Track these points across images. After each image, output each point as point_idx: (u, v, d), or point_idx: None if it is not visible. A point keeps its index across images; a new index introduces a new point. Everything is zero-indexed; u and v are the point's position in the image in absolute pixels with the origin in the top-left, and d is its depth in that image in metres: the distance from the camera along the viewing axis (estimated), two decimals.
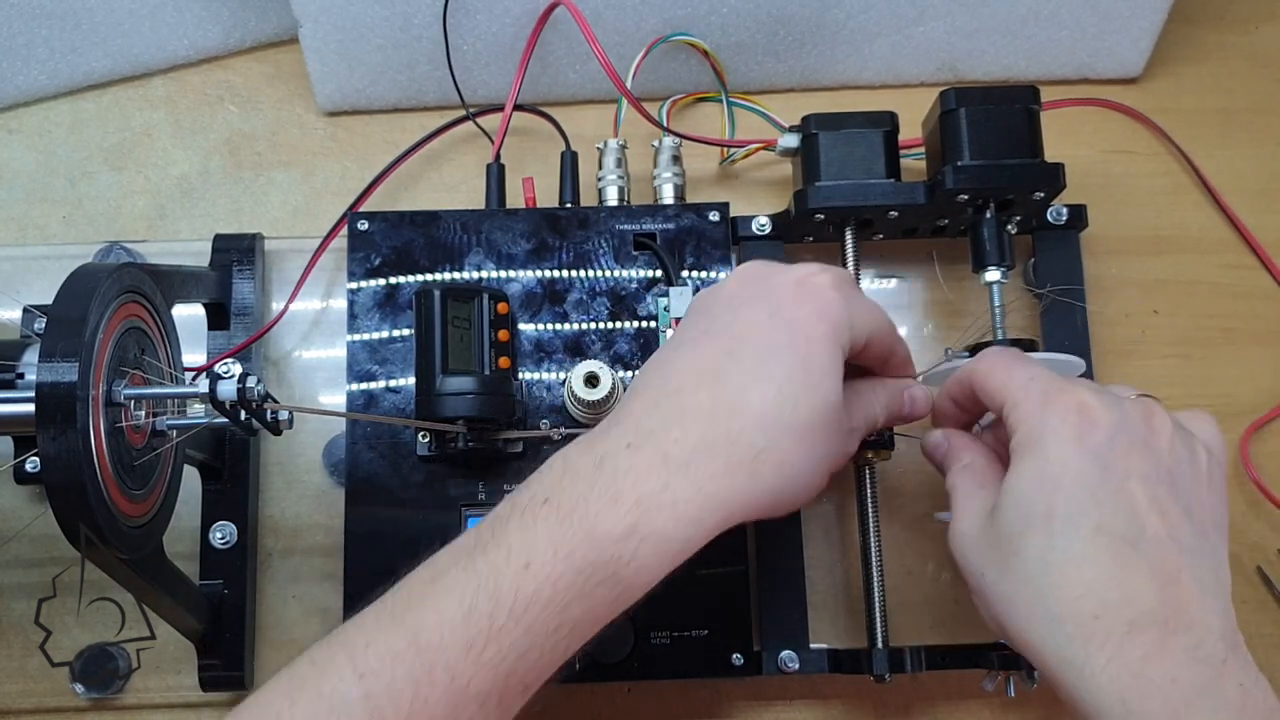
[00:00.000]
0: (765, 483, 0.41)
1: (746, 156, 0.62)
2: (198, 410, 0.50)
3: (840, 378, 0.43)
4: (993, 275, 0.55)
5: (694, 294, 0.56)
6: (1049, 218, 0.59)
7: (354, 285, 0.56)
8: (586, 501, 0.39)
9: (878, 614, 0.54)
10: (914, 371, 0.51)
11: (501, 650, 0.37)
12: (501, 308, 0.54)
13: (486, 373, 0.51)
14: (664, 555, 0.39)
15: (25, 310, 0.56)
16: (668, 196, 0.59)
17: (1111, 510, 0.40)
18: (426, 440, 0.53)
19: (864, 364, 0.48)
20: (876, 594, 0.54)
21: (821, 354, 0.42)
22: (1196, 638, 0.39)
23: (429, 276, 0.56)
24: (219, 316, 0.58)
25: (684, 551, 0.40)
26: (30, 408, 0.40)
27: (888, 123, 0.56)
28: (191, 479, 0.55)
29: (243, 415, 0.47)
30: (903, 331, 0.61)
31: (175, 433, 0.48)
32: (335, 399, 0.59)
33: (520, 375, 0.55)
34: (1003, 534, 0.42)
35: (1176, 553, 0.40)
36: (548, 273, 0.56)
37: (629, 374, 0.55)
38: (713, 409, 0.41)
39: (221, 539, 0.56)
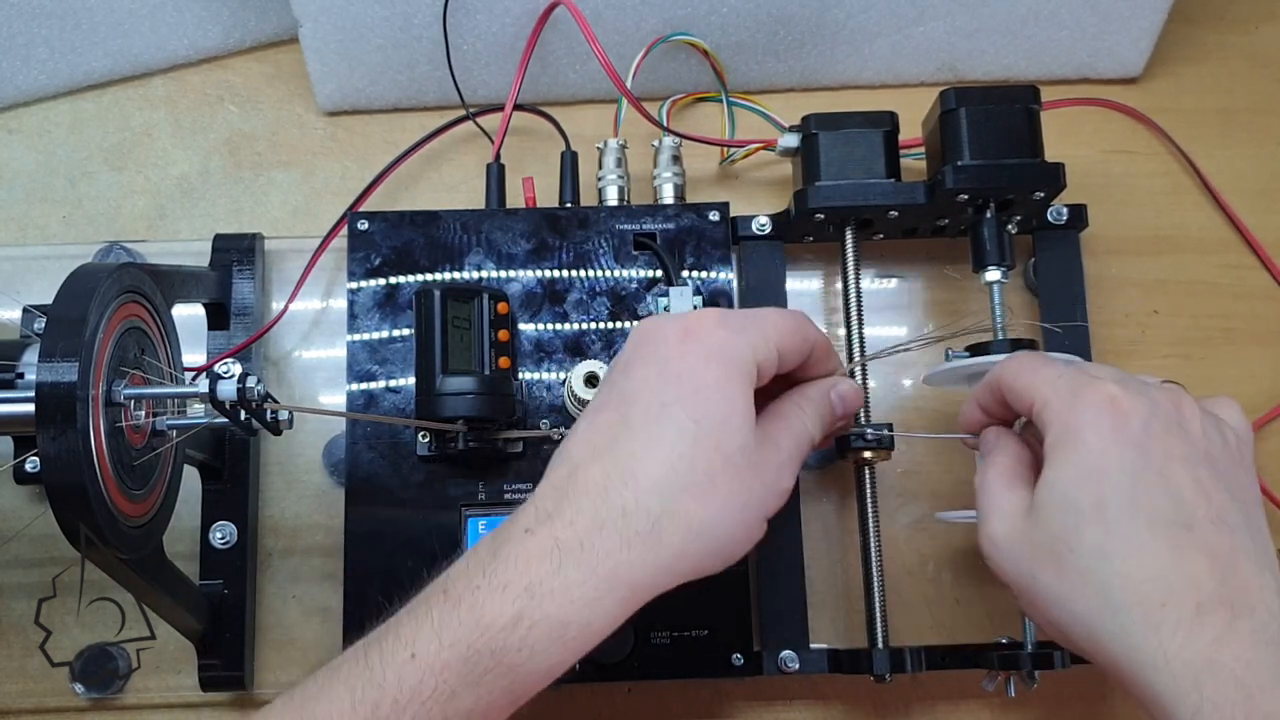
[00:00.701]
0: (672, 549, 0.40)
1: (746, 156, 0.62)
2: (198, 410, 0.50)
3: (748, 417, 0.42)
4: (993, 275, 0.55)
5: (694, 294, 0.56)
6: (1049, 218, 0.59)
7: (354, 285, 0.56)
8: (477, 590, 0.38)
9: (878, 614, 0.54)
10: (838, 362, 0.49)
11: None
12: (501, 308, 0.54)
13: (486, 373, 0.51)
14: (560, 641, 0.38)
15: (25, 310, 0.56)
16: (668, 196, 0.59)
17: (1161, 495, 0.40)
18: (426, 440, 0.53)
19: (788, 374, 0.46)
20: (876, 594, 0.54)
21: (716, 400, 0.41)
22: (1261, 620, 0.38)
23: (429, 276, 0.56)
24: (219, 316, 0.58)
25: (586, 635, 0.39)
26: (30, 408, 0.40)
27: (888, 123, 0.56)
28: (191, 479, 0.55)
29: (243, 415, 0.47)
30: (902, 332, 0.61)
31: (175, 433, 0.48)
32: (335, 399, 0.59)
33: (520, 375, 0.55)
34: (1049, 533, 0.41)
35: (1229, 534, 0.40)
36: (548, 273, 0.56)
37: None
38: (605, 483, 0.40)
39: (221, 539, 0.56)
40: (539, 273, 0.56)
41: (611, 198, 0.59)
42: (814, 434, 0.46)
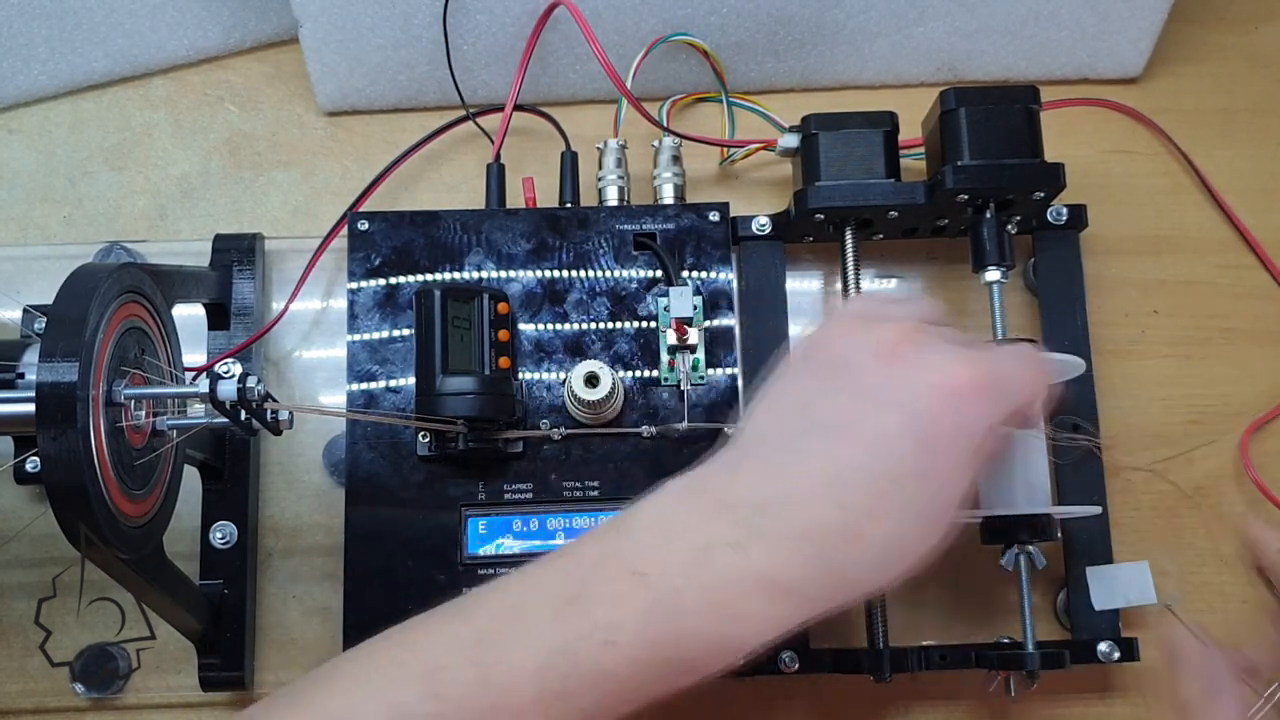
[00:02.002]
0: (857, 596, 0.39)
1: (746, 156, 0.62)
2: (198, 410, 0.50)
3: (967, 487, 0.40)
4: (993, 275, 0.55)
5: (694, 294, 0.56)
6: (1049, 218, 0.59)
7: (354, 285, 0.56)
8: (681, 594, 0.37)
9: (878, 614, 0.54)
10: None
11: (568, 710, 0.37)
12: (501, 308, 0.54)
13: (486, 373, 0.51)
14: (745, 655, 0.39)
15: (25, 310, 0.56)
16: (668, 196, 0.59)
17: None
18: (426, 440, 0.53)
19: None
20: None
21: (956, 483, 0.40)
22: None
23: (429, 276, 0.56)
24: (219, 316, 0.58)
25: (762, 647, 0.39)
26: (30, 408, 0.40)
27: (888, 123, 0.56)
28: (191, 479, 0.55)
29: (243, 415, 0.47)
30: None
31: (175, 433, 0.48)
32: (335, 399, 0.59)
33: (520, 375, 0.55)
34: None
35: None
36: (548, 273, 0.57)
37: (629, 374, 0.55)
38: (827, 533, 0.38)
39: (221, 539, 0.56)
40: (539, 273, 0.56)
41: (611, 198, 0.59)
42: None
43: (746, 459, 0.41)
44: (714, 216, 0.58)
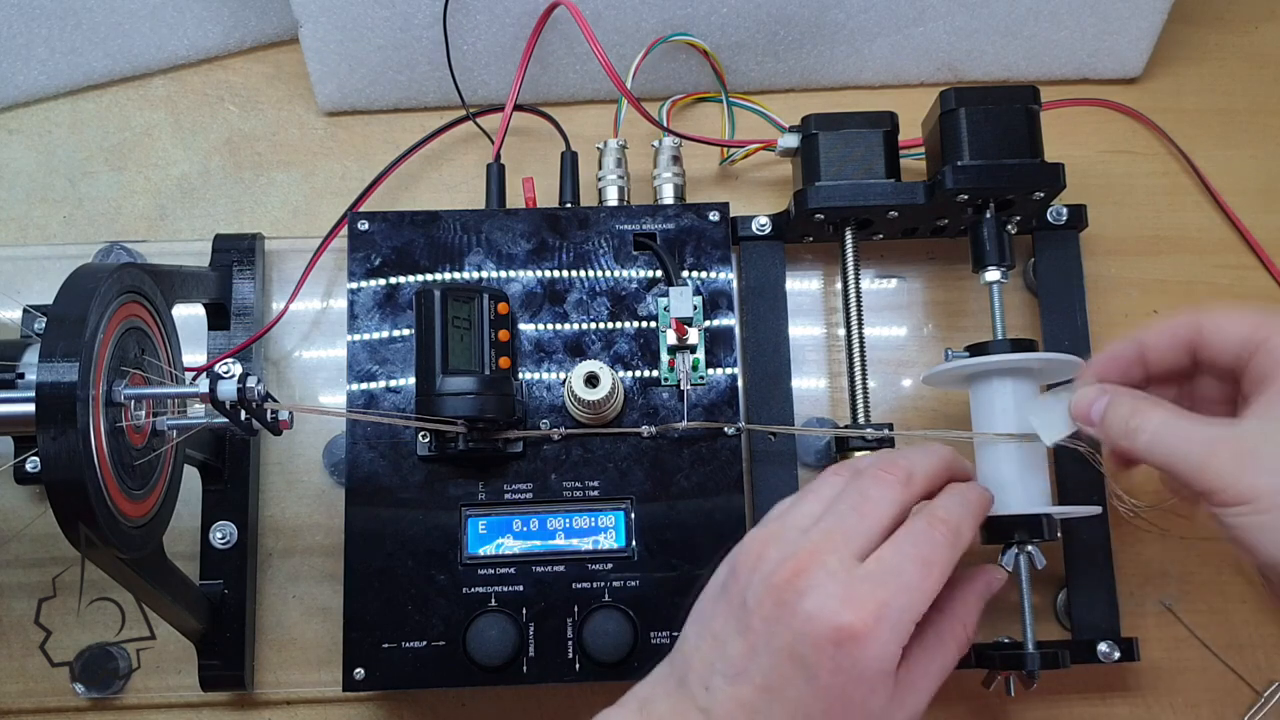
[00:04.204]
0: None
1: (746, 156, 0.62)
2: (198, 410, 0.50)
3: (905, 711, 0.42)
4: (993, 275, 0.55)
5: (694, 294, 0.56)
6: (1049, 218, 0.59)
7: (354, 285, 0.56)
8: None
9: None
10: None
11: None
12: (501, 308, 0.54)
13: (486, 373, 0.51)
14: None
15: (25, 310, 0.56)
16: (668, 196, 0.59)
17: None
18: (426, 440, 0.53)
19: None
20: None
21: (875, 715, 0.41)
22: None
23: (429, 276, 0.56)
24: (219, 316, 0.58)
25: None
26: (30, 408, 0.40)
27: (888, 123, 0.56)
28: (191, 479, 0.55)
29: (243, 415, 0.47)
30: (902, 332, 0.61)
31: (175, 433, 0.48)
32: (335, 399, 0.59)
33: (520, 375, 0.55)
34: None
35: None
36: (548, 273, 0.57)
37: (629, 374, 0.55)
38: None
39: (221, 539, 0.56)
40: (539, 273, 0.56)
41: (611, 198, 0.59)
42: (955, 659, 0.47)
43: (680, 690, 0.43)
44: (714, 216, 0.58)
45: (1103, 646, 0.54)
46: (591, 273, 0.57)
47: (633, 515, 0.53)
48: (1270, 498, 0.40)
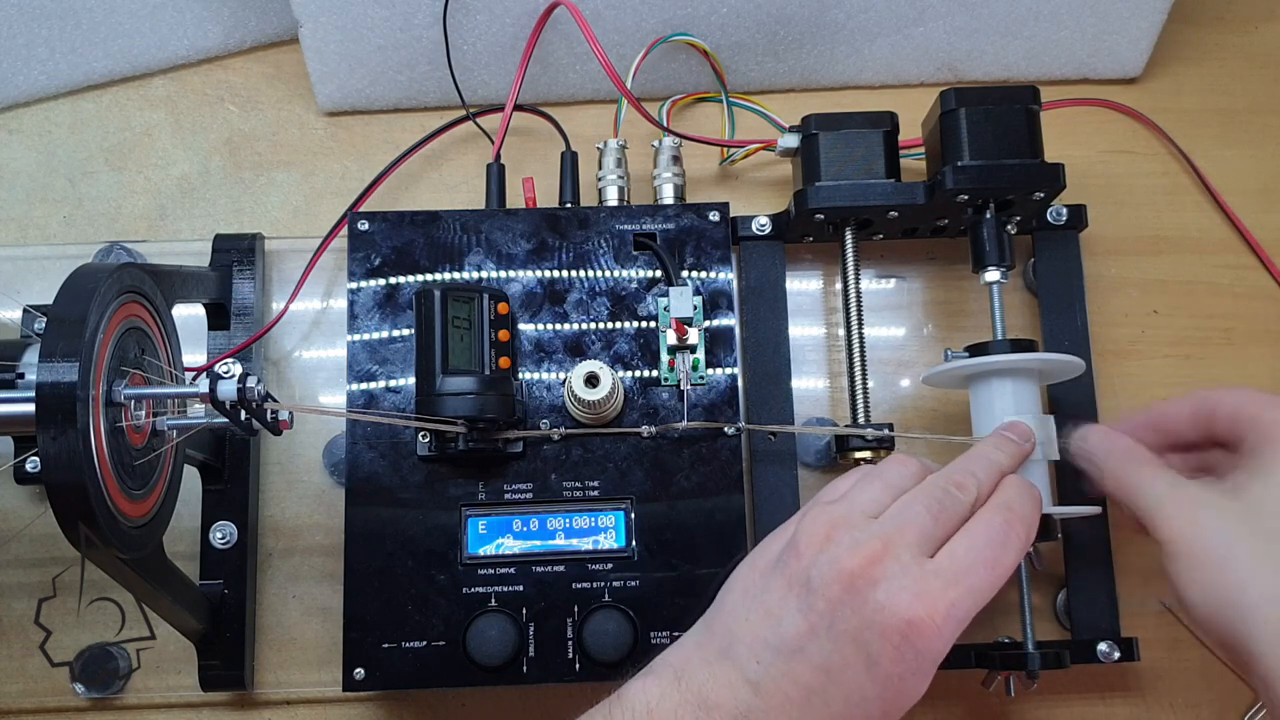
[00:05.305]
0: None
1: (746, 156, 0.62)
2: (198, 410, 0.50)
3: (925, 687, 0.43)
4: (993, 275, 0.55)
5: (694, 294, 0.56)
6: (1049, 218, 0.59)
7: (354, 285, 0.56)
8: None
9: None
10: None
11: None
12: (501, 308, 0.54)
13: (486, 373, 0.51)
14: None
15: (25, 310, 0.56)
16: (668, 196, 0.59)
17: None
18: (426, 440, 0.53)
19: None
20: None
21: (913, 695, 0.42)
22: None
23: (429, 276, 0.56)
24: (219, 316, 0.58)
25: None
26: (30, 408, 0.40)
27: (888, 123, 0.56)
28: (191, 479, 0.55)
29: (243, 415, 0.47)
30: (902, 332, 0.61)
31: (175, 433, 0.48)
32: (335, 399, 0.59)
33: (520, 375, 0.55)
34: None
35: None
36: (548, 273, 0.57)
37: (629, 374, 0.55)
38: None
39: (221, 539, 0.56)
40: (539, 273, 0.56)
41: (611, 198, 0.59)
42: None
43: (723, 660, 0.43)
44: (714, 216, 0.58)
45: (1103, 646, 0.54)
46: (591, 273, 0.57)
47: (633, 515, 0.53)
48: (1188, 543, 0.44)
